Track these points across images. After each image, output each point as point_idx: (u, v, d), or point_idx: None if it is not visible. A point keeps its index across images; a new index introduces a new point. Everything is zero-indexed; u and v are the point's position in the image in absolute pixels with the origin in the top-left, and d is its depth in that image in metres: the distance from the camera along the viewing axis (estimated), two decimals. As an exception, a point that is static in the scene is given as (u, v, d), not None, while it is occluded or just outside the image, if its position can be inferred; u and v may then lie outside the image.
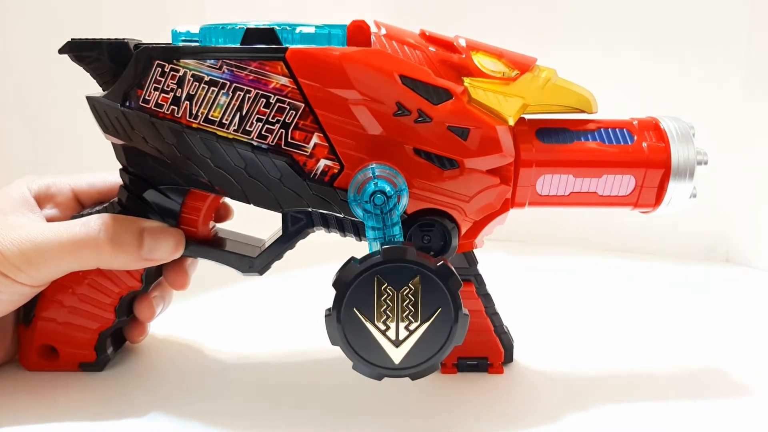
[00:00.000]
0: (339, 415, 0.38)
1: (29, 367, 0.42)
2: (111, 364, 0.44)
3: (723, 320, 0.54)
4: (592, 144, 0.39)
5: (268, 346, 0.48)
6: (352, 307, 0.33)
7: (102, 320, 0.42)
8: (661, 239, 0.73)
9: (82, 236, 0.38)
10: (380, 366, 0.34)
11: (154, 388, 0.41)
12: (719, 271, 0.69)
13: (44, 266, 0.37)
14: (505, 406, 0.39)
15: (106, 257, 0.38)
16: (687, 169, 0.39)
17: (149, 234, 0.39)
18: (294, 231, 0.40)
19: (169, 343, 0.48)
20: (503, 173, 0.39)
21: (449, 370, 0.43)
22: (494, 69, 0.38)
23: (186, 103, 0.37)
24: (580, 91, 0.39)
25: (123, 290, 0.42)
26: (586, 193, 0.40)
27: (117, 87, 0.37)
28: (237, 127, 0.37)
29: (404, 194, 0.36)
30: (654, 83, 0.70)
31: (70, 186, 0.43)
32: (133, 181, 0.40)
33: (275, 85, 0.36)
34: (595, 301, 0.58)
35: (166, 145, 0.38)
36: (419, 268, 0.33)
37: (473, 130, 0.37)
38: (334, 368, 0.43)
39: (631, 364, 0.45)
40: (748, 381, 0.42)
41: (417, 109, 0.37)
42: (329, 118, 0.36)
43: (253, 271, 0.41)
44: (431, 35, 0.39)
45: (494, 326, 0.43)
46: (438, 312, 0.33)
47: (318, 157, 0.37)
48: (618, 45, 0.71)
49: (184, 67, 0.36)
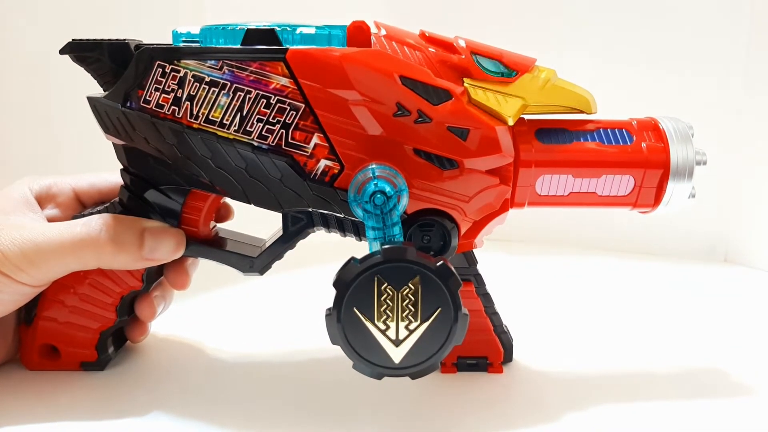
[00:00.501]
0: (339, 414, 0.38)
1: (30, 366, 0.42)
2: (112, 363, 0.44)
3: (722, 320, 0.54)
4: (592, 144, 0.40)
5: (269, 345, 0.48)
6: (353, 307, 0.33)
7: (103, 320, 0.42)
8: (660, 239, 0.73)
9: (83, 236, 0.38)
10: (380, 365, 0.34)
11: (155, 387, 0.41)
12: (718, 271, 0.69)
13: (45, 266, 0.38)
14: (505, 405, 0.39)
15: (107, 257, 0.38)
16: (686, 169, 0.39)
17: (150, 234, 0.39)
18: (294, 231, 0.40)
19: (169, 343, 0.48)
20: (503, 173, 0.39)
21: (449, 370, 0.43)
22: (494, 69, 0.38)
23: (187, 104, 0.37)
24: (580, 92, 0.39)
25: (124, 290, 0.42)
26: (585, 194, 0.40)
27: (118, 87, 0.38)
28: (238, 127, 0.37)
29: (404, 194, 0.36)
30: (653, 83, 0.70)
31: (71, 186, 0.44)
32: (134, 182, 0.40)
33: (276, 86, 0.36)
34: (594, 300, 0.59)
35: (167, 146, 0.38)
36: (419, 268, 0.33)
37: (473, 130, 0.37)
38: (334, 368, 0.43)
39: (631, 364, 0.45)
40: (747, 381, 0.42)
41: (417, 110, 0.37)
42: (329, 118, 0.37)
43: (253, 271, 0.41)
44: (431, 36, 0.39)
45: (494, 326, 0.43)
46: (438, 312, 0.34)
47: (318, 157, 0.37)
48: (618, 46, 0.71)
49: (185, 67, 0.36)
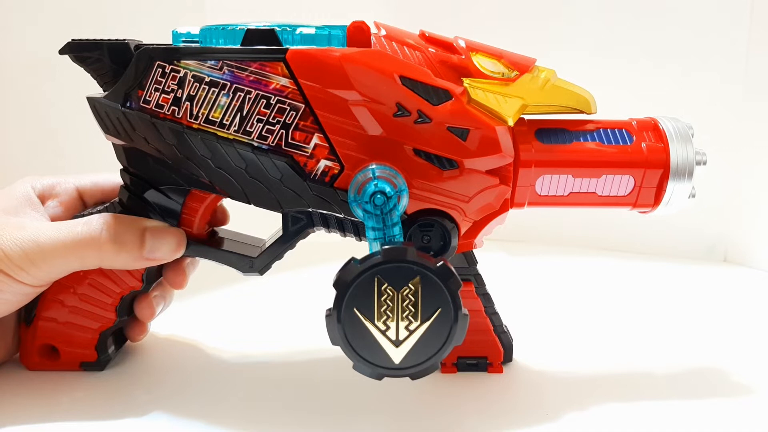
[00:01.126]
0: (339, 414, 0.38)
1: (30, 366, 0.42)
2: (112, 363, 0.44)
3: (722, 320, 0.54)
4: (591, 144, 0.40)
5: (269, 345, 0.48)
6: (353, 307, 0.33)
7: (103, 320, 0.42)
8: (659, 239, 0.73)
9: (84, 236, 0.38)
10: (380, 366, 0.34)
11: (155, 387, 0.41)
12: (718, 271, 0.69)
13: (46, 266, 0.38)
14: (505, 405, 0.39)
15: (108, 257, 0.38)
16: (686, 169, 0.39)
17: (151, 233, 0.39)
18: (294, 231, 0.40)
19: (169, 343, 0.48)
20: (502, 173, 0.39)
21: (449, 370, 0.43)
22: (494, 70, 0.38)
23: (187, 104, 0.37)
24: (580, 92, 0.39)
25: (124, 290, 0.42)
26: (585, 194, 0.40)
27: (118, 88, 0.38)
28: (237, 127, 0.37)
29: (404, 194, 0.36)
30: (653, 83, 0.70)
31: (74, 185, 0.44)
32: (134, 182, 0.40)
33: (275, 86, 0.36)
34: (594, 300, 0.59)
35: (167, 146, 0.38)
36: (419, 268, 0.33)
37: (473, 130, 0.37)
38: (334, 368, 0.43)
39: (630, 364, 0.45)
40: (747, 381, 0.42)
41: (417, 110, 0.37)
42: (329, 118, 0.37)
43: (253, 271, 0.41)
44: (431, 36, 0.39)
45: (494, 326, 0.43)
46: (438, 312, 0.34)
47: (318, 157, 0.37)
48: (617, 46, 0.71)
49: (185, 67, 0.36)
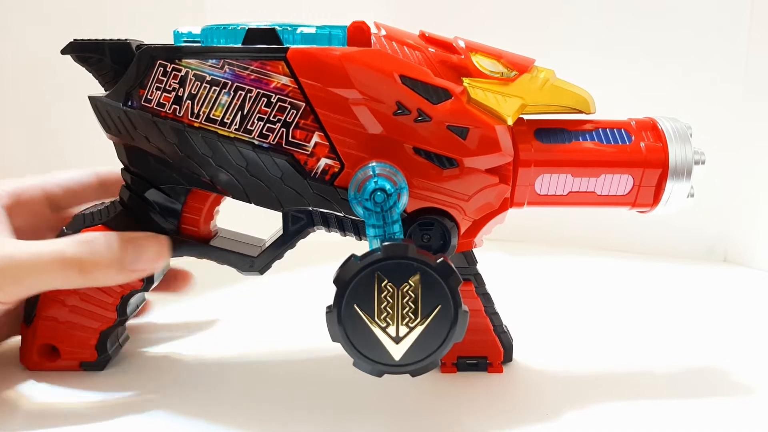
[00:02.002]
0: (339, 412, 0.38)
1: (30, 366, 0.42)
2: (112, 363, 0.44)
3: (722, 320, 0.54)
4: (590, 144, 0.40)
5: (269, 344, 0.48)
6: (353, 304, 0.33)
7: (103, 319, 0.42)
8: (659, 239, 0.73)
9: (65, 254, 0.37)
10: (380, 363, 0.34)
11: (155, 387, 0.41)
12: (717, 271, 0.69)
13: (24, 284, 0.37)
14: (505, 405, 0.39)
15: (92, 274, 0.38)
16: (685, 168, 0.39)
17: (132, 245, 0.39)
18: (295, 230, 0.40)
19: (169, 343, 0.48)
20: (502, 172, 0.39)
21: (449, 370, 0.43)
22: (493, 69, 0.39)
23: (188, 103, 0.37)
24: (579, 92, 0.40)
25: (125, 289, 0.42)
26: (584, 193, 0.40)
27: (119, 87, 0.38)
28: (238, 126, 0.37)
29: (404, 192, 0.36)
30: (653, 83, 0.70)
31: (42, 190, 0.43)
32: (135, 181, 0.40)
33: (276, 85, 0.36)
34: (594, 300, 0.59)
35: (168, 145, 0.38)
36: (420, 265, 0.33)
37: (472, 129, 0.37)
38: (334, 368, 0.43)
39: (630, 364, 0.45)
40: (747, 381, 0.43)
41: (417, 109, 0.37)
42: (330, 117, 0.37)
43: (253, 271, 0.41)
44: (431, 36, 0.39)
45: (494, 326, 0.43)
46: (438, 309, 0.34)
47: (319, 156, 0.37)
48: (617, 46, 0.71)
49: (186, 66, 0.37)
